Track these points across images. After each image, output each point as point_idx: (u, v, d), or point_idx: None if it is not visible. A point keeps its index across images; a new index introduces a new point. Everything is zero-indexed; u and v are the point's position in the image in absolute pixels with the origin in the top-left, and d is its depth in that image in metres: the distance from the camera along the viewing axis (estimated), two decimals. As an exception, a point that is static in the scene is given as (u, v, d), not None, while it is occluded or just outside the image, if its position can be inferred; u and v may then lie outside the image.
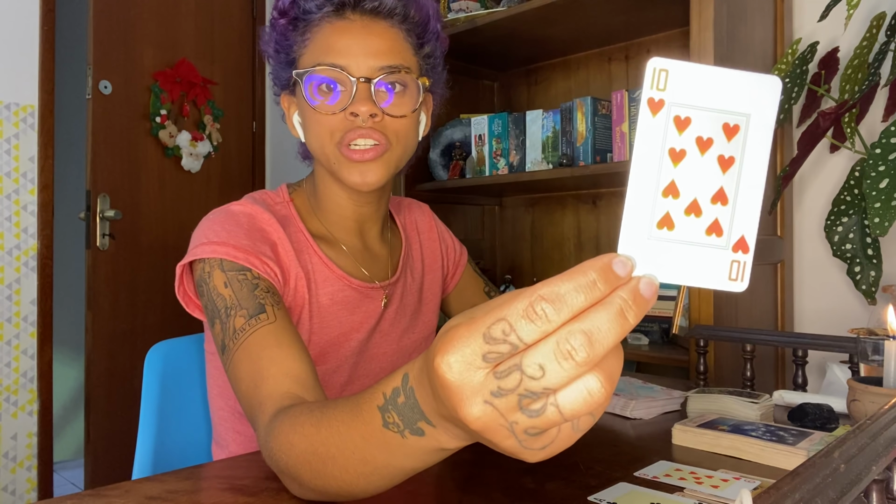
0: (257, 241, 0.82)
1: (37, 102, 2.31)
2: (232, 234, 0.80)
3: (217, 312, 0.76)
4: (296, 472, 0.56)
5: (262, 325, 0.72)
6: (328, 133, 0.84)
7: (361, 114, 0.82)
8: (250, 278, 0.77)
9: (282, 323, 0.74)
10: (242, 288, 0.76)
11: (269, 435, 0.61)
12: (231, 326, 0.73)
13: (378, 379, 0.92)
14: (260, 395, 0.67)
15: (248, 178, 2.89)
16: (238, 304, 0.75)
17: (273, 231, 0.85)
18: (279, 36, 0.87)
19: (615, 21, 1.84)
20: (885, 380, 0.70)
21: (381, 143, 0.84)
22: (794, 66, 1.36)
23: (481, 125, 2.03)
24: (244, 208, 0.85)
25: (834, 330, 1.56)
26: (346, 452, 0.50)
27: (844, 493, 0.35)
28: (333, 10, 0.84)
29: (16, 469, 2.23)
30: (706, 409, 0.92)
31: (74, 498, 0.61)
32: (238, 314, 0.74)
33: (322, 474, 0.53)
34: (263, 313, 0.73)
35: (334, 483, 0.53)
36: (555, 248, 2.23)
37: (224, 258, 0.78)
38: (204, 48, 2.72)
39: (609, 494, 0.63)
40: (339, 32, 0.83)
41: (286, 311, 0.77)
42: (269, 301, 0.76)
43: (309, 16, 0.84)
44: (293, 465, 0.56)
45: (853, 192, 1.29)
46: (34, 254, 2.30)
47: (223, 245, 0.78)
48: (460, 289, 1.14)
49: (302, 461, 0.55)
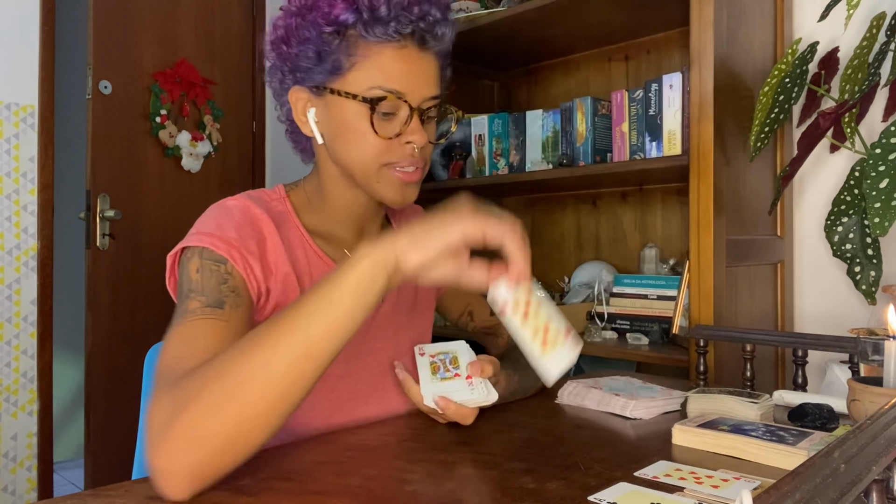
0: (246, 235, 0.83)
1: (37, 102, 2.31)
2: (220, 227, 0.82)
3: (180, 293, 0.78)
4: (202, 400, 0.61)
5: (213, 318, 0.73)
6: (375, 154, 0.86)
7: (417, 143, 0.86)
8: (223, 271, 0.79)
9: (233, 325, 0.75)
10: (212, 277, 0.78)
11: (174, 387, 0.64)
12: (185, 306, 0.75)
13: (375, 373, 0.95)
14: (179, 370, 0.67)
15: (248, 178, 2.89)
16: (201, 290, 0.76)
17: (264, 225, 0.86)
18: (319, 39, 0.84)
19: (615, 21, 1.84)
20: (885, 380, 0.70)
21: (420, 167, 0.89)
22: (794, 66, 1.36)
23: (481, 125, 2.03)
24: (238, 202, 0.87)
25: (834, 330, 1.56)
26: (288, 337, 0.63)
27: (844, 493, 0.35)
28: (398, 37, 0.83)
29: (16, 469, 2.23)
30: (706, 409, 0.92)
31: (74, 498, 0.61)
32: (197, 298, 0.75)
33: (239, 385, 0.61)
34: (220, 309, 0.75)
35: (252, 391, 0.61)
36: (555, 248, 2.23)
37: (206, 247, 0.80)
38: (204, 48, 2.72)
39: (609, 494, 0.63)
40: (397, 59, 0.84)
41: (244, 317, 0.78)
42: (230, 301, 0.77)
43: (368, 37, 0.83)
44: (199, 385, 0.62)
45: (853, 192, 1.29)
46: (34, 254, 2.30)
47: (209, 236, 0.80)
48: (455, 289, 1.16)
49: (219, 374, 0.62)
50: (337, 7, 0.82)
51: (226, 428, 0.61)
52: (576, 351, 0.71)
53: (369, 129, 0.85)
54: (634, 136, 1.67)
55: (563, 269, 2.19)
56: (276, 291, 0.86)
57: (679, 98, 1.58)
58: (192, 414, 0.61)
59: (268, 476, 0.68)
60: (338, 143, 0.88)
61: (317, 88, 0.87)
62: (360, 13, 0.81)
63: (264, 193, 0.93)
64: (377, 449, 0.76)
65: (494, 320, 1.17)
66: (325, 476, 0.68)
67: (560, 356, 0.70)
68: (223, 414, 0.61)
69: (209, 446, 0.61)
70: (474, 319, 1.17)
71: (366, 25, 0.81)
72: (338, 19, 0.82)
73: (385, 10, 0.81)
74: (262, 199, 0.90)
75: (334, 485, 0.65)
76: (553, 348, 0.70)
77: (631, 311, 1.75)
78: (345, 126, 0.86)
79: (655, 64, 1.97)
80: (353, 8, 0.81)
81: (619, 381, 1.08)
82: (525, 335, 0.70)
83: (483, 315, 1.17)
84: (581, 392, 1.01)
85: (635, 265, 2.00)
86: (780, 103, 1.36)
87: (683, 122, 1.57)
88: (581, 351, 0.73)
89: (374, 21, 0.81)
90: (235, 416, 0.61)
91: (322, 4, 0.83)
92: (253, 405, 0.62)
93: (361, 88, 0.84)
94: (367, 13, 0.81)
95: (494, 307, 0.72)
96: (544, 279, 2.22)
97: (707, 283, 1.38)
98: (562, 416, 0.92)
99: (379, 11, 0.81)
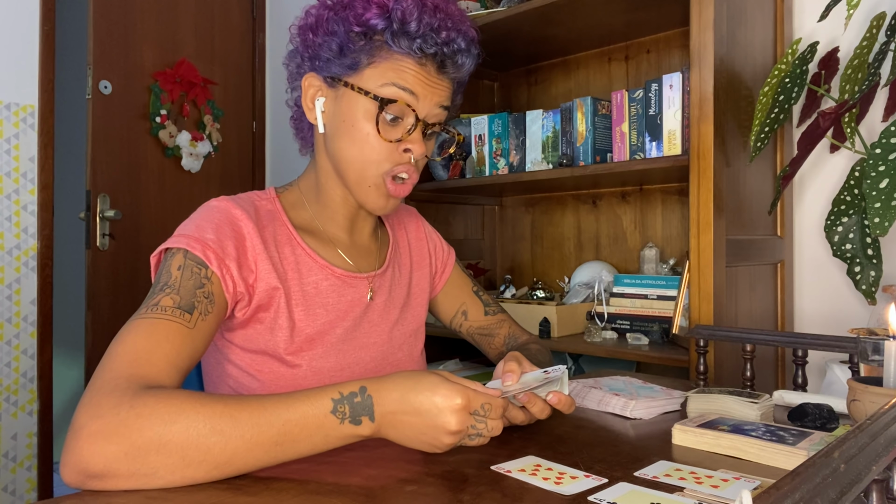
0: (224, 236, 0.84)
1: (37, 102, 2.31)
2: (199, 228, 0.84)
3: (156, 284, 0.79)
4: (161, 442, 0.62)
5: (179, 322, 0.75)
6: (376, 159, 0.88)
7: (415, 152, 0.88)
8: (202, 275, 0.80)
9: (196, 333, 0.76)
10: (191, 279, 0.79)
11: (142, 394, 0.64)
12: (157, 299, 0.76)
13: (369, 367, 0.97)
14: (136, 372, 0.68)
15: (248, 178, 2.89)
16: (177, 288, 0.78)
17: (244, 225, 0.87)
18: (346, 36, 0.86)
19: (615, 21, 1.84)
20: (885, 380, 0.70)
21: (413, 179, 0.92)
22: (794, 66, 1.36)
23: (481, 125, 2.03)
24: (219, 203, 0.89)
25: (834, 330, 1.56)
26: (257, 436, 0.64)
27: (844, 493, 0.35)
28: (420, 54, 0.86)
29: (16, 469, 2.23)
30: (706, 409, 0.92)
31: (74, 498, 0.61)
32: (171, 295, 0.77)
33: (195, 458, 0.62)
34: (189, 314, 0.76)
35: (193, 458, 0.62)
36: (555, 248, 2.23)
37: (188, 249, 0.81)
38: (204, 48, 2.72)
39: (609, 494, 0.63)
40: (414, 70, 0.86)
41: (210, 326, 0.79)
42: (201, 307, 0.78)
43: (392, 47, 0.85)
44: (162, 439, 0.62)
45: (853, 192, 1.29)
46: (34, 254, 2.30)
47: (188, 238, 0.82)
48: (449, 289, 1.17)
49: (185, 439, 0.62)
50: (370, 11, 0.84)
51: (159, 467, 0.62)
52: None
53: (373, 129, 0.86)
54: (634, 136, 1.67)
55: (563, 269, 2.19)
56: (259, 290, 0.87)
57: (679, 98, 1.58)
58: (144, 434, 0.62)
59: (268, 476, 0.68)
60: (339, 137, 0.89)
61: (331, 79, 0.89)
62: (391, 22, 0.84)
63: (253, 195, 0.95)
64: (377, 449, 0.76)
65: (489, 320, 1.17)
66: (325, 476, 0.68)
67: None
68: (167, 456, 0.62)
69: (134, 467, 0.61)
70: (468, 319, 1.17)
71: (393, 35, 0.84)
72: (368, 23, 0.84)
73: (415, 26, 0.83)
74: (247, 200, 0.92)
75: (334, 485, 0.65)
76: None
77: (631, 311, 1.75)
78: (350, 121, 0.87)
79: (655, 64, 1.97)
80: (386, 16, 0.84)
81: (619, 381, 1.08)
82: None
83: (477, 314, 1.17)
84: (581, 392, 1.01)
85: (635, 265, 2.00)
86: (780, 103, 1.36)
87: (683, 122, 1.57)
88: (581, 351, 0.73)
89: (401, 33, 0.84)
90: (181, 475, 0.63)
91: (357, 4, 0.85)
92: (206, 473, 0.64)
93: (375, 86, 0.86)
94: (398, 24, 0.83)
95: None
96: (544, 279, 2.22)
97: (707, 283, 1.38)
98: (562, 416, 0.92)
99: (409, 26, 0.83)
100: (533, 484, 0.66)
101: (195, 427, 0.63)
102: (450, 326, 1.19)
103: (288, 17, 2.87)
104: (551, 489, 0.64)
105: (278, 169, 2.92)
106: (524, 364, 0.83)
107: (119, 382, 0.66)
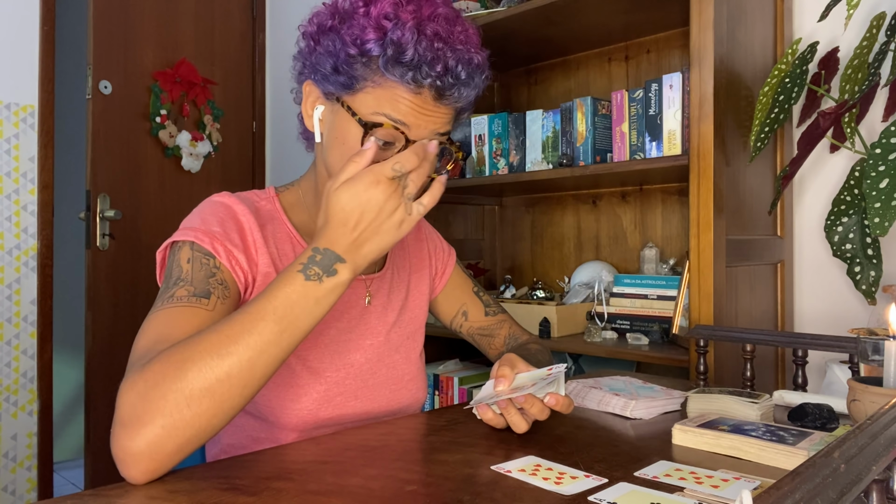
0: (229, 228, 0.86)
1: (37, 102, 2.31)
2: (205, 221, 0.86)
3: (168, 280, 0.80)
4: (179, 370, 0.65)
5: (198, 307, 0.76)
6: None
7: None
8: (211, 265, 0.82)
9: (217, 316, 0.77)
10: (201, 270, 0.81)
11: (146, 367, 0.68)
12: (172, 292, 0.78)
13: (363, 368, 0.96)
14: (156, 349, 0.70)
15: (248, 178, 2.89)
16: (190, 280, 0.79)
17: (245, 220, 0.88)
18: (341, 55, 0.83)
19: (615, 21, 1.84)
20: (885, 380, 0.70)
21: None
22: (794, 66, 1.36)
23: (481, 125, 2.03)
24: (222, 199, 0.90)
25: (834, 330, 1.56)
26: (253, 336, 0.67)
27: (844, 493, 0.35)
28: (414, 85, 0.81)
29: (16, 469, 2.23)
30: (706, 409, 0.92)
31: (74, 498, 0.61)
32: (185, 287, 0.78)
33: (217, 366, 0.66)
34: (206, 299, 0.78)
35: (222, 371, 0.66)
36: (555, 247, 2.23)
37: (194, 241, 0.83)
38: (204, 48, 2.72)
39: (609, 494, 0.63)
40: (408, 98, 0.82)
41: (229, 310, 0.80)
42: (218, 292, 0.80)
43: (385, 74, 0.81)
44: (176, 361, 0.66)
45: (853, 192, 1.29)
46: (34, 254, 2.30)
47: (194, 230, 0.84)
48: (449, 290, 1.16)
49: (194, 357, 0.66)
50: (367, 34, 0.80)
51: (198, 417, 0.65)
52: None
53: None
54: (634, 136, 1.67)
55: (563, 269, 2.19)
56: (259, 284, 0.88)
57: (679, 98, 1.58)
58: (167, 398, 0.64)
59: (268, 476, 0.68)
60: (332, 150, 0.88)
61: (327, 94, 0.88)
62: (385, 49, 0.79)
63: (253, 194, 0.96)
64: (377, 449, 0.76)
65: (489, 320, 1.17)
66: (325, 476, 0.68)
67: None
68: (199, 405, 0.65)
69: (179, 433, 0.64)
70: (469, 319, 1.17)
71: (387, 62, 0.80)
72: (363, 46, 0.80)
73: (410, 55, 0.79)
74: (248, 199, 0.93)
75: (334, 485, 0.65)
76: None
77: (631, 311, 1.75)
78: (342, 138, 0.85)
79: (655, 64, 1.97)
80: (381, 42, 0.80)
81: (619, 381, 1.08)
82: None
83: (478, 315, 1.17)
84: (581, 392, 1.01)
85: (635, 265, 2.00)
86: (780, 103, 1.36)
87: (683, 122, 1.57)
88: (581, 351, 0.73)
89: (395, 62, 0.79)
90: (223, 410, 0.66)
91: (355, 25, 0.81)
92: (231, 398, 0.67)
93: (366, 112, 0.83)
94: (392, 51, 0.79)
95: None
96: (544, 279, 2.22)
97: (707, 283, 1.38)
98: (562, 416, 0.92)
99: (404, 56, 0.79)
100: (533, 484, 0.66)
101: (206, 365, 0.65)
102: (450, 327, 1.19)
103: (288, 17, 2.87)
104: (551, 489, 0.64)
105: (278, 169, 2.92)
106: (519, 366, 0.82)
107: (138, 371, 0.68)
